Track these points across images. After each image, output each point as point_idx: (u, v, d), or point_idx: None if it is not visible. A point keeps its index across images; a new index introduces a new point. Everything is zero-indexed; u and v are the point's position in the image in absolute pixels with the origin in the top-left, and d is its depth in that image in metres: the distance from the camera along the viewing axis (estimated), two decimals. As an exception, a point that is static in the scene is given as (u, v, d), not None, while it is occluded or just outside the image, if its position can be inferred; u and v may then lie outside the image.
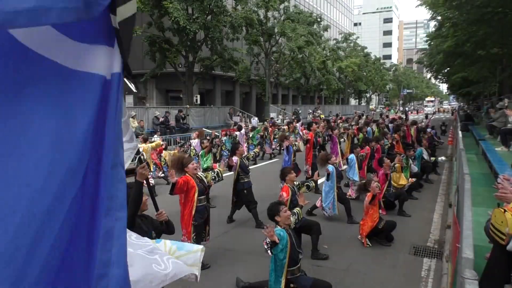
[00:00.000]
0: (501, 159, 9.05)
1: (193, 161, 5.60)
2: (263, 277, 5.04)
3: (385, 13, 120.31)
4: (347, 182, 10.41)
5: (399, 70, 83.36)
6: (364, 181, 7.15)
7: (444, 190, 10.57)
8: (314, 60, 37.71)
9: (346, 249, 6.42)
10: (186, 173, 5.46)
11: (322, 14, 46.76)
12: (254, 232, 7.19)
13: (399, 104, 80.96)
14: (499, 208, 3.39)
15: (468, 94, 41.58)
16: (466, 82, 34.39)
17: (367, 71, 57.67)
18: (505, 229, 3.22)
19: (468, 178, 5.02)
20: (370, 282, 5.29)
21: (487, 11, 17.37)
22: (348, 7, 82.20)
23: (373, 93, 71.91)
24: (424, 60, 41.19)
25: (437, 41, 28.66)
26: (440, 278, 5.31)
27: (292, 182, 6.22)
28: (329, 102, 56.75)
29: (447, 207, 8.56)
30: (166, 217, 3.75)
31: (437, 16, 24.55)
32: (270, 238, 3.94)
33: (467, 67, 27.66)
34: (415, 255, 6.19)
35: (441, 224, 7.66)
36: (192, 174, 5.46)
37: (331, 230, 7.11)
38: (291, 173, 6.27)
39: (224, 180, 7.91)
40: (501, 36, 19.55)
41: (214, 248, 6.49)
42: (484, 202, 5.89)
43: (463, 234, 3.15)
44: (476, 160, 10.76)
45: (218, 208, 8.63)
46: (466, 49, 22.47)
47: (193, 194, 5.40)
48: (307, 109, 39.43)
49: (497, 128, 12.90)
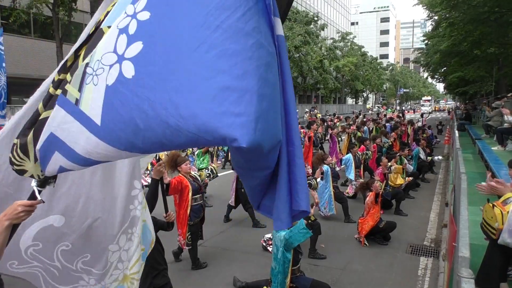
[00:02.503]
0: (497, 158, 9.08)
1: (187, 161, 5.57)
2: (260, 276, 5.04)
3: (382, 12, 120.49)
4: (343, 181, 10.44)
5: (396, 70, 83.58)
6: (366, 180, 7.16)
7: (441, 189, 10.61)
8: (311, 59, 37.77)
9: (343, 248, 6.42)
10: (179, 173, 5.44)
11: (319, 13, 46.78)
12: (251, 231, 7.19)
13: (396, 103, 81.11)
14: (488, 203, 3.41)
15: (465, 94, 41.72)
16: (463, 82, 34.50)
17: (364, 70, 57.80)
18: (495, 224, 3.25)
19: (464, 177, 5.03)
20: (367, 281, 5.29)
21: (484, 11, 17.44)
22: (345, 6, 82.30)
23: (370, 93, 72.08)
24: (421, 59, 41.31)
25: (434, 40, 28.73)
26: (436, 277, 5.33)
27: None
28: (326, 101, 56.82)
29: (444, 206, 8.59)
30: (174, 218, 3.87)
31: (434, 15, 24.60)
32: None
33: (464, 66, 27.77)
34: (412, 254, 6.21)
35: (438, 223, 7.69)
36: (185, 174, 5.44)
37: (328, 229, 7.11)
38: None
39: (220, 179, 7.92)
40: (498, 35, 19.63)
41: (211, 247, 6.49)
42: (480, 201, 5.88)
43: (460, 233, 3.16)
44: (473, 160, 10.80)
45: (215, 207, 8.63)
46: (462, 48, 22.55)
47: (187, 194, 5.37)
48: (304, 108, 39.46)
49: (493, 128, 12.95)
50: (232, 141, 1.10)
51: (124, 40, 1.37)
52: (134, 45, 1.34)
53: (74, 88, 1.52)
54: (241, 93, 1.13)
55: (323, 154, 8.29)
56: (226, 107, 1.12)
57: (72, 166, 1.58)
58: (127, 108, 1.30)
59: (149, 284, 3.53)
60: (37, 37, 22.18)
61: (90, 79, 1.44)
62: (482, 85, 30.32)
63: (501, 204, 3.31)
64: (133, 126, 1.29)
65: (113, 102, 1.35)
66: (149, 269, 3.55)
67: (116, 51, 1.38)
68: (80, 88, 1.49)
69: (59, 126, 1.55)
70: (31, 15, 18.91)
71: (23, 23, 19.04)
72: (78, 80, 1.51)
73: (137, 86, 1.28)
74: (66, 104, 1.54)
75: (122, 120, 1.32)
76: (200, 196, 5.68)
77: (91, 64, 1.46)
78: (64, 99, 1.55)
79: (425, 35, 33.57)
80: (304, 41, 34.01)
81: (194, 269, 5.59)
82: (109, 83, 1.37)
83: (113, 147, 1.37)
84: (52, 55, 19.84)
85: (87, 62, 1.49)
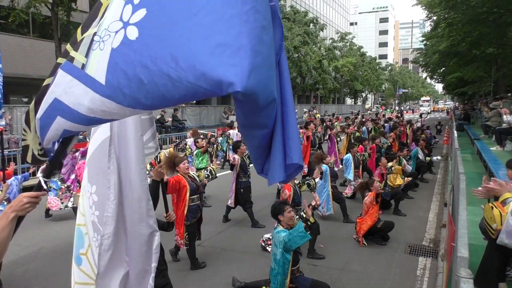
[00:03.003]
0: (496, 158, 9.09)
1: (185, 161, 5.56)
2: (259, 276, 5.04)
3: (381, 12, 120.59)
4: (342, 182, 10.44)
5: (395, 70, 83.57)
6: (366, 181, 7.16)
7: (440, 189, 10.62)
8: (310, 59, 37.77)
9: (342, 248, 6.43)
10: (178, 173, 5.43)
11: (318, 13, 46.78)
12: (250, 232, 7.19)
13: (395, 103, 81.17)
14: (489, 204, 3.42)
15: (464, 94, 41.78)
16: (462, 82, 34.55)
17: (363, 71, 57.79)
18: (493, 225, 3.26)
19: (463, 177, 5.04)
20: (366, 281, 5.30)
21: (482, 11, 17.46)
22: (344, 7, 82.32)
23: (369, 93, 72.10)
24: (420, 60, 41.34)
25: (433, 41, 28.77)
26: (435, 277, 5.33)
27: (293, 181, 6.23)
28: (325, 101, 56.81)
29: (443, 206, 8.60)
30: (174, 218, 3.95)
31: (433, 16, 24.63)
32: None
33: (463, 67, 27.81)
34: (411, 254, 6.21)
35: (437, 223, 7.70)
36: (183, 174, 5.43)
37: (326, 229, 7.11)
38: None
39: (219, 180, 7.90)
40: (496, 36, 19.66)
41: (209, 247, 6.48)
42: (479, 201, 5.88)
43: (458, 233, 3.16)
44: (471, 160, 10.81)
45: (214, 207, 8.62)
46: (461, 49, 22.57)
47: (185, 194, 5.36)
48: (303, 109, 39.44)
49: (491, 128, 12.97)
50: (228, 85, 1.21)
51: (129, 9, 1.49)
52: (138, 12, 1.46)
53: (81, 55, 1.63)
54: (236, 48, 1.24)
55: (323, 154, 8.30)
56: (222, 59, 1.23)
57: (77, 127, 1.67)
58: (131, 66, 1.40)
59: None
60: (36, 37, 22.11)
61: (97, 45, 1.56)
62: (481, 85, 30.37)
63: (500, 205, 3.31)
64: (136, 81, 1.38)
65: (117, 61, 1.45)
66: None
67: (122, 19, 1.50)
68: (87, 54, 1.60)
69: (64, 90, 1.64)
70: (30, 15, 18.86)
71: (22, 23, 18.98)
72: (86, 48, 1.62)
73: (140, 45, 1.39)
74: (73, 70, 1.64)
75: (126, 77, 1.41)
76: (198, 197, 5.67)
77: (98, 33, 1.58)
78: (71, 65, 1.66)
79: (424, 36, 33.62)
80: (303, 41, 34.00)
81: (193, 269, 5.59)
82: (114, 46, 1.47)
83: (117, 103, 1.46)
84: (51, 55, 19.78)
85: (95, 32, 1.61)
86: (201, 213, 5.72)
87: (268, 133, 1.57)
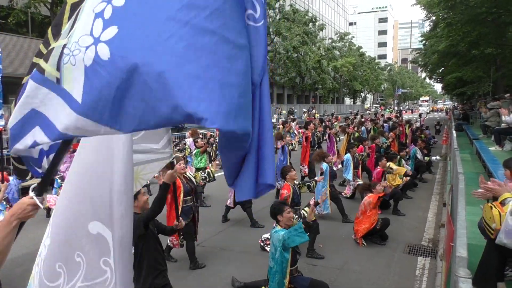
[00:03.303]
0: (494, 158, 9.10)
1: (181, 161, 5.54)
2: (258, 276, 5.04)
3: (380, 12, 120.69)
4: (341, 182, 10.46)
5: (394, 70, 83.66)
6: (369, 183, 7.17)
7: (439, 189, 10.64)
8: (309, 59, 37.79)
9: (341, 248, 6.43)
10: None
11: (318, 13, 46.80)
12: (249, 231, 7.19)
13: (394, 103, 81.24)
14: (488, 203, 3.43)
15: (463, 94, 41.80)
16: (461, 82, 34.57)
17: (362, 71, 57.86)
18: (492, 225, 3.27)
19: (462, 177, 5.05)
20: (364, 281, 5.30)
21: (481, 11, 17.47)
22: (343, 7, 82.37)
23: (368, 93, 72.16)
24: (419, 60, 41.33)
25: (432, 41, 28.77)
26: (434, 277, 5.34)
27: (293, 181, 6.23)
28: (324, 101, 56.87)
29: (441, 206, 8.61)
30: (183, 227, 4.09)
31: (432, 16, 24.65)
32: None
33: (462, 67, 27.81)
34: (410, 254, 6.22)
35: (435, 223, 7.71)
36: (178, 174, 5.42)
37: (325, 229, 7.11)
38: (292, 171, 6.28)
39: (218, 180, 7.90)
40: (495, 36, 19.67)
41: (209, 247, 6.49)
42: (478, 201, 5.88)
43: (457, 233, 3.17)
44: (470, 160, 10.82)
45: (213, 207, 8.62)
46: (460, 49, 22.58)
47: (178, 195, 5.35)
48: (302, 108, 39.48)
49: (490, 128, 12.98)
50: (200, 120, 1.23)
51: (100, 24, 1.46)
52: (109, 29, 1.43)
53: (52, 67, 1.60)
54: (206, 80, 1.26)
55: (324, 152, 8.31)
56: (193, 92, 1.24)
57: (45, 141, 1.65)
58: (107, 87, 1.38)
59: (149, 284, 3.53)
60: (35, 37, 22.12)
61: (67, 58, 1.52)
62: (480, 85, 30.38)
63: (500, 205, 3.32)
64: (114, 102, 1.38)
65: (92, 81, 1.43)
66: (150, 270, 3.55)
67: (93, 34, 1.46)
68: (59, 68, 1.57)
69: (43, 102, 1.62)
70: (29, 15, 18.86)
71: (21, 23, 18.98)
72: (56, 60, 1.59)
73: (114, 69, 1.37)
74: (46, 82, 1.61)
75: (103, 98, 1.40)
76: (191, 198, 5.65)
77: (68, 45, 1.54)
78: (42, 77, 1.62)
79: (423, 36, 33.60)
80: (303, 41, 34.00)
81: (192, 269, 5.59)
82: (87, 64, 1.44)
83: (94, 121, 1.45)
84: (50, 55, 19.79)
85: (65, 44, 1.57)
86: (194, 214, 5.70)
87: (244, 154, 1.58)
